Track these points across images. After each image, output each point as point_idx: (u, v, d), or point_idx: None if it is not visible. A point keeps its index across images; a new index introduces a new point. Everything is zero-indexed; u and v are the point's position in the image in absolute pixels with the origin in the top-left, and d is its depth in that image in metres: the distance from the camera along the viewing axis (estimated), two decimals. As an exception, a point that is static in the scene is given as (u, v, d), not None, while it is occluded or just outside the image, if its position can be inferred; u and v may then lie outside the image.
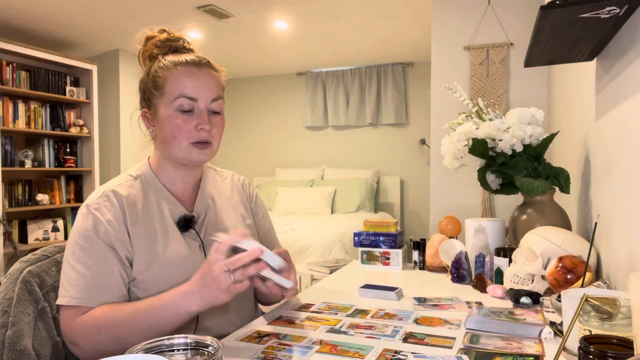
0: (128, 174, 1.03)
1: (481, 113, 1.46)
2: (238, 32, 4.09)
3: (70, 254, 0.91)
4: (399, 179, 5.11)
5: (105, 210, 0.93)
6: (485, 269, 1.28)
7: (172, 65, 0.96)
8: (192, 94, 0.95)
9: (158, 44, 1.01)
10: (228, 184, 1.16)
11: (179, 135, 0.95)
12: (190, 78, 0.95)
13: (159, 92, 0.96)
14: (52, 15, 3.63)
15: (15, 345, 0.88)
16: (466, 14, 2.84)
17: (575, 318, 0.61)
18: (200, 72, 0.97)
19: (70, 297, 0.87)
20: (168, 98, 0.95)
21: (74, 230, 0.93)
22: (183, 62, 0.97)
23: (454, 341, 0.83)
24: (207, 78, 0.97)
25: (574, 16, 0.86)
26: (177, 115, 0.95)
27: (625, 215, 0.94)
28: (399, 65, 5.09)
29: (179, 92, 0.94)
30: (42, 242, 4.03)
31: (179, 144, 0.96)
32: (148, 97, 0.99)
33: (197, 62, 0.98)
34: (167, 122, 0.95)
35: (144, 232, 0.95)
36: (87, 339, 0.85)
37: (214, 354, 0.60)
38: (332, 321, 0.96)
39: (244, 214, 1.13)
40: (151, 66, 1.00)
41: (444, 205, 2.92)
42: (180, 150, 0.96)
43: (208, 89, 0.96)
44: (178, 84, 0.95)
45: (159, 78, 0.97)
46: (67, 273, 0.90)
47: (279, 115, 5.72)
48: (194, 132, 0.95)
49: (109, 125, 4.72)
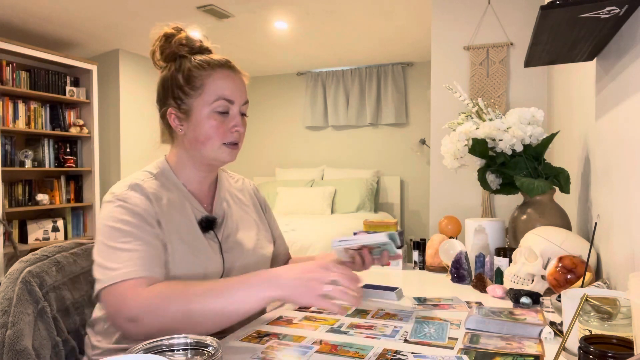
0: (146, 171, 1.02)
1: (481, 113, 1.46)
2: (238, 32, 4.09)
3: (108, 238, 0.88)
4: (399, 179, 5.11)
5: (133, 198, 0.93)
6: (485, 269, 1.28)
7: (208, 66, 0.99)
8: (230, 97, 0.99)
9: (183, 42, 1.01)
10: (240, 187, 1.18)
11: (214, 136, 0.97)
12: (229, 81, 0.99)
13: (195, 91, 0.97)
14: (52, 15, 3.63)
15: (15, 345, 0.88)
16: (466, 14, 2.84)
17: (575, 318, 0.61)
18: (236, 77, 1.01)
19: (124, 273, 0.84)
20: (207, 99, 0.97)
21: (105, 217, 0.91)
22: (220, 64, 1.00)
23: (455, 342, 0.83)
24: (241, 83, 1.02)
25: (574, 16, 0.86)
26: (214, 116, 0.97)
27: (625, 215, 0.94)
28: (399, 65, 5.09)
29: (218, 93, 0.97)
30: (42, 242, 4.03)
31: (212, 144, 0.98)
32: (179, 96, 0.99)
33: (232, 66, 1.02)
34: (204, 122, 0.97)
35: (171, 226, 0.95)
36: (153, 312, 0.80)
37: (214, 354, 0.60)
38: (331, 321, 0.96)
39: (256, 220, 1.16)
40: (180, 65, 1.00)
41: (444, 205, 2.92)
42: (212, 151, 0.98)
43: (242, 92, 1.01)
44: (217, 86, 0.98)
45: (195, 78, 0.98)
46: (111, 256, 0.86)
47: (279, 115, 5.72)
48: (227, 133, 0.99)
49: (109, 125, 4.72)
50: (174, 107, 0.99)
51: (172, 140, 1.05)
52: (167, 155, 1.06)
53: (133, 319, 0.81)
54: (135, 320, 0.81)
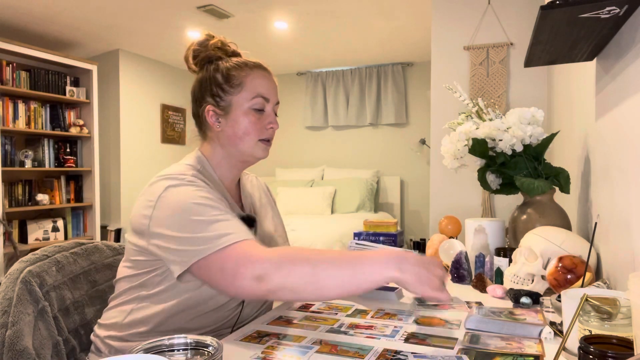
0: (187, 164, 1.01)
1: (481, 113, 1.46)
2: (238, 32, 4.09)
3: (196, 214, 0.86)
4: (399, 179, 5.11)
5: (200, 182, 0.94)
6: (485, 269, 1.28)
7: (246, 66, 1.04)
8: (267, 95, 1.04)
9: (219, 45, 1.07)
10: (255, 185, 1.22)
11: (251, 132, 1.02)
12: (265, 81, 1.05)
13: (235, 89, 1.02)
14: (52, 15, 3.63)
15: (15, 345, 0.88)
16: (466, 14, 2.84)
17: (575, 318, 0.61)
18: (270, 77, 1.07)
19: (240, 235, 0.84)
20: (246, 96, 1.02)
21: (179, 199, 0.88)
22: (257, 65, 1.05)
23: (455, 342, 0.83)
24: (274, 84, 1.08)
25: (574, 16, 0.86)
26: (252, 112, 1.02)
27: (625, 215, 0.94)
28: (399, 65, 5.09)
29: (257, 91, 1.02)
30: (42, 242, 4.03)
31: (250, 140, 1.02)
32: (218, 93, 1.03)
33: (266, 68, 1.08)
34: (242, 118, 1.01)
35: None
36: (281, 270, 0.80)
37: (214, 354, 0.60)
38: (331, 321, 0.96)
39: (273, 216, 1.21)
40: (217, 66, 1.04)
41: (444, 205, 2.92)
42: (249, 147, 1.03)
43: (276, 92, 1.08)
44: (256, 84, 1.03)
45: (234, 77, 1.02)
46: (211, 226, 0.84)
47: (279, 115, 5.69)
48: (264, 130, 1.04)
49: (109, 125, 4.72)
50: (212, 104, 1.03)
51: (204, 137, 1.07)
52: (203, 150, 1.07)
53: (260, 277, 0.80)
54: (262, 278, 0.80)
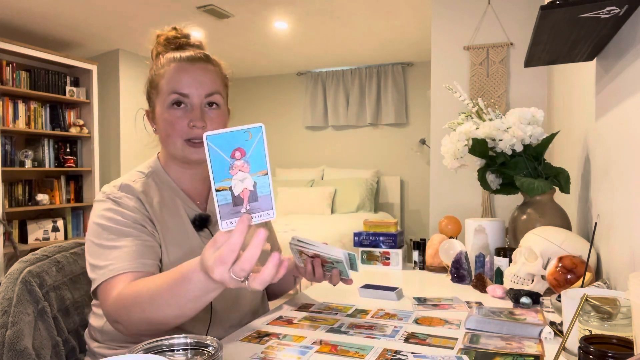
0: (139, 171, 1.02)
1: (481, 113, 1.46)
2: (238, 32, 4.09)
3: (96, 237, 0.88)
4: (399, 179, 5.11)
5: (125, 199, 0.92)
6: (485, 269, 1.28)
7: (167, 62, 0.96)
8: (184, 90, 0.93)
9: (163, 42, 1.01)
10: None
11: (172, 133, 0.94)
12: (182, 74, 0.94)
13: (155, 90, 0.97)
14: (52, 15, 3.63)
15: (15, 345, 0.88)
16: (466, 14, 2.84)
17: (575, 318, 0.61)
18: (192, 68, 0.95)
19: (107, 270, 0.83)
20: (162, 96, 0.95)
21: (95, 214, 0.91)
22: (177, 58, 0.96)
23: (455, 342, 0.83)
24: (201, 73, 0.95)
25: (574, 16, 0.86)
26: (169, 112, 0.94)
27: (625, 215, 0.94)
28: (399, 65, 5.09)
29: (170, 89, 0.94)
30: (42, 242, 4.02)
31: (173, 142, 0.95)
32: (149, 96, 1.00)
33: (192, 57, 0.96)
34: (162, 120, 0.95)
35: (167, 227, 0.95)
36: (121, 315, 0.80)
37: (214, 354, 0.60)
38: (331, 321, 0.96)
39: None
40: (151, 65, 1.01)
41: (444, 205, 2.92)
42: (175, 149, 0.95)
43: (201, 84, 0.94)
44: (170, 81, 0.94)
45: (156, 76, 0.97)
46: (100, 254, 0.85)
47: (279, 115, 5.72)
48: (186, 129, 0.93)
49: (109, 125, 4.72)
50: (148, 108, 1.02)
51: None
52: (159, 153, 1.06)
53: (115, 321, 0.81)
54: (116, 322, 0.81)
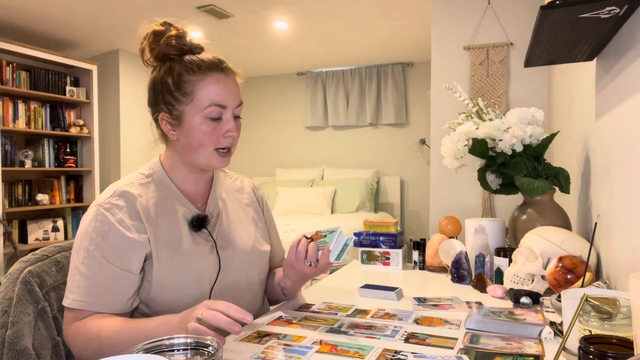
0: (140, 173, 1.02)
1: (481, 113, 1.46)
2: (238, 32, 4.09)
3: (76, 254, 0.90)
4: (399, 179, 5.11)
5: (116, 210, 0.92)
6: (485, 269, 1.28)
7: (199, 70, 0.94)
8: (223, 102, 0.95)
9: (172, 43, 0.96)
10: (238, 186, 1.17)
11: (206, 143, 0.95)
12: (221, 86, 0.95)
13: (186, 98, 0.94)
14: (52, 15, 3.63)
15: (15, 345, 0.88)
16: (466, 14, 2.84)
17: (575, 318, 0.61)
18: (228, 80, 0.97)
19: (73, 300, 0.88)
20: (198, 106, 0.94)
21: (82, 230, 0.92)
22: (212, 67, 0.95)
23: (455, 342, 0.83)
24: (234, 85, 0.98)
25: (574, 16, 0.86)
26: (206, 122, 0.94)
27: (625, 215, 0.94)
28: (399, 65, 5.09)
29: (210, 100, 0.94)
30: (42, 242, 4.03)
31: (204, 151, 0.96)
32: (170, 101, 0.95)
33: (224, 67, 0.97)
34: (196, 130, 0.94)
35: (160, 231, 0.95)
36: (77, 347, 0.88)
37: (214, 354, 0.60)
38: (331, 321, 0.96)
39: (255, 218, 1.15)
40: (170, 68, 0.96)
41: (444, 205, 2.92)
42: (205, 157, 0.97)
43: (235, 95, 0.97)
44: (209, 92, 0.94)
45: (186, 83, 0.94)
46: (72, 274, 0.90)
47: (279, 115, 5.72)
48: (221, 139, 0.96)
49: (109, 125, 4.72)
50: (165, 112, 0.96)
51: (166, 142, 1.03)
52: (162, 155, 1.05)
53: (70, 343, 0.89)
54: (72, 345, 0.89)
